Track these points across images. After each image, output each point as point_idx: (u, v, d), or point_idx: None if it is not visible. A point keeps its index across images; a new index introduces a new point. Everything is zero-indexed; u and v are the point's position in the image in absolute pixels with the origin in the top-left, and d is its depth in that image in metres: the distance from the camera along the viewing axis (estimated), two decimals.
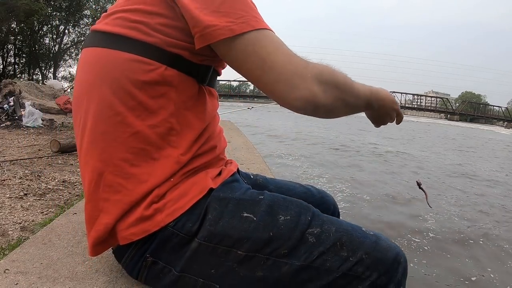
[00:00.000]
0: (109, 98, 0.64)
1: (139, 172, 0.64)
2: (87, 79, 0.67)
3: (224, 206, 0.65)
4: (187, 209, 0.63)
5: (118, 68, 0.63)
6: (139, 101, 0.63)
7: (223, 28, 0.59)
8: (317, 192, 0.95)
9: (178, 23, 0.62)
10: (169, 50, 0.63)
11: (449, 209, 4.11)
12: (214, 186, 0.67)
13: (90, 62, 0.67)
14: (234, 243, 0.62)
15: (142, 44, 0.63)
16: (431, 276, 2.47)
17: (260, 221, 0.64)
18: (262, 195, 0.68)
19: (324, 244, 0.62)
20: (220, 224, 0.63)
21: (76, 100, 0.71)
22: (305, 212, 0.67)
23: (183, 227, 0.63)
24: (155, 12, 0.62)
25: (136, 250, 0.66)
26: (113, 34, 0.65)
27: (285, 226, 0.63)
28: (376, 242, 0.64)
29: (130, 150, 0.64)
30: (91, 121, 0.65)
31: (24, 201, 2.08)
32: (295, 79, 0.59)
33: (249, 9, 0.62)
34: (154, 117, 0.64)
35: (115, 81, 0.63)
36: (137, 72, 0.63)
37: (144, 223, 0.63)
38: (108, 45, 0.65)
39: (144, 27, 0.62)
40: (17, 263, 0.85)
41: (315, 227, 0.64)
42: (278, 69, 0.59)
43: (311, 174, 5.33)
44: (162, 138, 0.65)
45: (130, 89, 0.63)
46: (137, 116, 0.64)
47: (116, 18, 0.65)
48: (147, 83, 0.63)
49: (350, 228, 0.66)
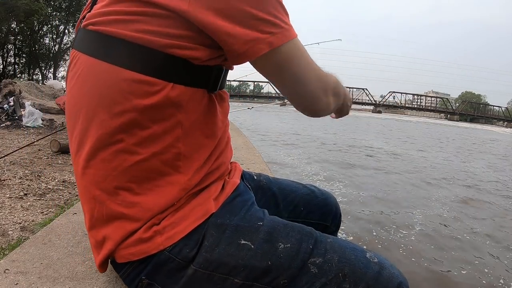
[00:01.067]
0: (107, 123, 0.57)
1: (143, 201, 0.60)
2: (82, 94, 0.60)
3: (222, 232, 0.61)
4: (187, 234, 0.61)
5: (117, 90, 0.56)
6: (141, 128, 0.57)
7: (263, 41, 0.55)
8: (320, 193, 0.93)
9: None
10: (175, 54, 0.55)
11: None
12: (215, 209, 0.64)
13: (83, 74, 0.60)
14: (230, 271, 0.60)
15: (143, 51, 0.54)
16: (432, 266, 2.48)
17: (258, 249, 0.61)
18: (262, 221, 0.65)
19: (327, 275, 0.60)
20: (217, 251, 0.60)
21: (70, 112, 0.64)
22: (306, 239, 0.64)
23: (180, 252, 0.60)
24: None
25: (132, 269, 0.64)
26: (108, 37, 0.56)
27: (285, 255, 0.61)
28: (379, 273, 0.62)
29: (133, 179, 0.59)
30: (89, 145, 0.60)
31: (24, 201, 2.08)
32: (321, 95, 0.67)
33: (280, 8, 0.58)
34: (158, 143, 0.58)
35: (113, 105, 0.56)
36: (138, 94, 0.56)
37: (143, 245, 0.60)
38: (104, 57, 0.57)
39: (143, 25, 0.54)
40: (17, 263, 0.85)
41: (317, 257, 0.62)
42: (309, 86, 0.64)
43: (309, 172, 5.33)
44: (168, 165, 0.60)
45: (131, 114, 0.56)
46: (139, 144, 0.58)
47: (108, 11, 0.56)
48: (150, 107, 0.56)
49: (353, 258, 0.63)
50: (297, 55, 0.60)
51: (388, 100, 70.11)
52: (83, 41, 0.62)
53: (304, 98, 0.66)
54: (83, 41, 0.62)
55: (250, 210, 0.67)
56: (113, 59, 0.56)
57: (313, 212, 0.89)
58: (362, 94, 67.49)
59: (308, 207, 0.89)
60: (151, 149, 0.58)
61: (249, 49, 0.55)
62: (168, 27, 0.54)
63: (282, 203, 0.87)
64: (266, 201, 0.85)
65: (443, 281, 2.44)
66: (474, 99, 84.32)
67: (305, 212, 0.88)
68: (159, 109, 0.57)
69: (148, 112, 0.56)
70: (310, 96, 0.65)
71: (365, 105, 69.84)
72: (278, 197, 0.87)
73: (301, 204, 0.88)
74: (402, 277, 0.64)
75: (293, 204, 0.88)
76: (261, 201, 0.83)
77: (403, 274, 0.65)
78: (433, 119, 58.65)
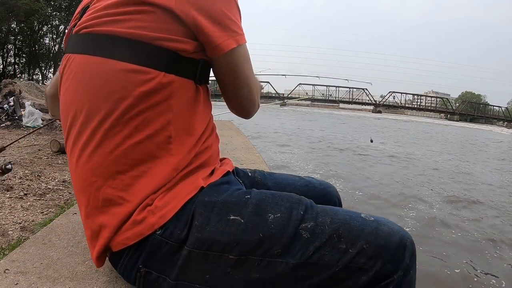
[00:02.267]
0: (105, 111, 0.61)
1: (138, 183, 0.63)
2: (79, 90, 0.64)
3: (210, 210, 0.63)
4: (177, 211, 0.62)
5: (113, 80, 0.61)
6: (136, 112, 0.61)
7: (232, 37, 0.65)
8: (319, 183, 0.92)
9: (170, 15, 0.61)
10: (164, 46, 0.61)
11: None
12: (205, 185, 0.66)
13: (80, 72, 0.65)
14: (224, 247, 0.61)
15: (135, 44, 0.60)
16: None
17: (248, 222, 0.62)
18: (249, 195, 0.66)
19: (320, 238, 0.60)
20: (207, 230, 0.61)
21: (65, 110, 0.68)
22: (296, 206, 0.64)
23: (171, 234, 0.61)
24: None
25: (128, 259, 0.64)
26: (101, 36, 0.62)
27: (276, 225, 0.61)
28: (377, 229, 0.61)
29: (129, 162, 0.62)
30: (87, 134, 0.63)
31: (24, 201, 2.08)
32: (257, 99, 0.78)
33: (239, 16, 0.68)
34: (151, 126, 0.62)
35: (111, 94, 0.61)
36: (134, 83, 0.61)
37: (138, 227, 0.62)
38: (98, 52, 0.62)
39: (135, 22, 0.60)
40: (17, 263, 0.85)
41: (308, 221, 0.62)
42: (253, 89, 0.74)
43: (307, 170, 5.34)
44: (161, 147, 0.63)
45: (128, 101, 0.61)
46: (134, 128, 0.62)
47: (101, 14, 0.63)
48: (145, 93, 0.61)
49: (348, 217, 0.63)
50: (247, 58, 0.70)
51: (388, 100, 70.13)
52: (76, 43, 0.67)
53: (247, 100, 0.75)
54: (76, 44, 0.67)
55: (237, 190, 0.69)
56: (109, 53, 0.62)
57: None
58: (362, 94, 67.54)
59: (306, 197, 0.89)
60: (146, 132, 0.62)
61: (223, 43, 0.64)
62: (157, 22, 0.61)
63: None
64: None
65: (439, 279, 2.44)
66: (474, 99, 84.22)
67: None
68: (153, 95, 0.62)
69: (143, 98, 0.61)
70: (251, 99, 0.75)
71: (365, 105, 69.87)
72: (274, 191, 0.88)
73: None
74: (404, 231, 0.63)
75: None
76: None
77: (404, 230, 0.63)
78: (432, 119, 58.61)
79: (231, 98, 0.75)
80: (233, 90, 0.73)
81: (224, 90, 0.74)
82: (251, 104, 0.77)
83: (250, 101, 0.76)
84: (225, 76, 0.71)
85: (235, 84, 0.71)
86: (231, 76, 0.70)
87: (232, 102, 0.76)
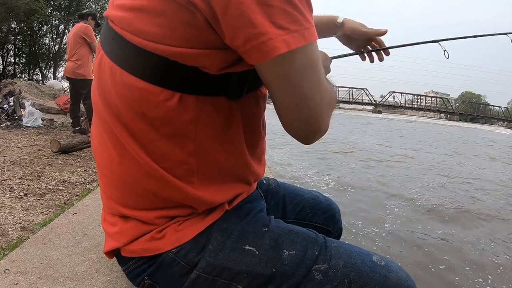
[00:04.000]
0: (120, 132, 0.56)
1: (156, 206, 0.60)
2: (99, 99, 0.58)
3: (227, 237, 0.60)
4: (197, 233, 0.60)
5: (125, 97, 0.53)
6: (150, 139, 0.54)
7: (277, 39, 0.44)
8: (324, 199, 0.95)
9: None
10: (185, 63, 0.49)
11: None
12: (229, 208, 0.63)
13: (103, 78, 0.57)
14: (234, 276, 0.59)
15: (153, 58, 0.50)
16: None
17: (262, 255, 0.60)
18: (267, 227, 0.64)
19: (331, 282, 0.59)
20: (221, 256, 0.59)
21: (97, 110, 0.61)
22: (312, 245, 0.63)
23: (185, 255, 0.60)
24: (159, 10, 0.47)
25: (135, 267, 0.64)
26: (126, 42, 0.51)
27: (290, 262, 0.60)
28: (386, 277, 0.61)
29: (146, 191, 0.59)
30: (109, 151, 0.59)
31: (24, 201, 2.08)
32: (322, 122, 0.55)
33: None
34: (168, 158, 0.56)
35: (123, 113, 0.54)
36: (145, 105, 0.52)
37: (157, 242, 0.60)
38: (114, 58, 0.54)
39: (158, 37, 0.48)
40: (17, 263, 0.85)
41: (322, 263, 0.60)
42: (316, 111, 0.53)
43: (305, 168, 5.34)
44: (181, 179, 0.57)
45: (140, 125, 0.54)
46: (150, 155, 0.55)
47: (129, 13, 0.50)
48: (157, 119, 0.53)
49: (359, 262, 0.62)
50: (310, 66, 0.49)
51: (388, 100, 70.09)
52: (104, 35, 0.58)
53: (307, 124, 0.54)
54: (104, 35, 0.58)
55: (257, 216, 0.66)
56: (121, 61, 0.53)
57: (317, 216, 0.91)
58: (362, 94, 67.52)
59: (313, 210, 0.91)
60: (162, 164, 0.56)
61: (256, 47, 0.44)
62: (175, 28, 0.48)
63: (289, 206, 0.89)
64: (275, 203, 0.88)
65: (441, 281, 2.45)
66: (474, 99, 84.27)
67: (310, 215, 0.90)
68: (165, 121, 0.53)
69: (155, 124, 0.53)
70: (313, 122, 0.54)
71: (365, 105, 69.85)
72: (286, 200, 0.89)
73: (307, 207, 0.90)
74: (410, 280, 0.63)
75: (300, 206, 0.90)
76: (270, 203, 0.86)
77: (410, 277, 0.64)
78: (432, 119, 58.64)
79: (284, 118, 0.55)
80: (286, 110, 0.53)
81: (274, 105, 0.55)
82: (311, 129, 0.55)
83: (311, 125, 0.54)
84: (272, 90, 0.52)
85: (288, 102, 0.52)
86: (281, 92, 0.51)
87: (285, 124, 0.56)
